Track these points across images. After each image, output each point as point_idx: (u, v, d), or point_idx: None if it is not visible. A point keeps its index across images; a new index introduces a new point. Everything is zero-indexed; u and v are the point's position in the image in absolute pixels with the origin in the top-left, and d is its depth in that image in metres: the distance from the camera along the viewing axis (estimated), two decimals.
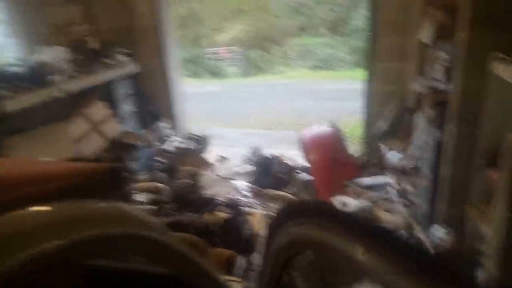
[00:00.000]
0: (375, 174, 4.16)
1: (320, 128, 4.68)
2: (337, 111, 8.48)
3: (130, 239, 0.68)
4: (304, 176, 3.96)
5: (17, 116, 3.67)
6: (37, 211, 0.60)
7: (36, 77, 3.89)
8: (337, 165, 4.02)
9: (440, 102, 2.88)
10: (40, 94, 3.77)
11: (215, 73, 14.66)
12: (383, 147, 4.21)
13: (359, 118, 7.42)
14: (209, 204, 2.61)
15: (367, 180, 4.00)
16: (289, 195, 3.16)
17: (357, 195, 3.81)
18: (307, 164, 4.67)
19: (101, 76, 4.68)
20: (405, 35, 4.22)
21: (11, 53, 5.13)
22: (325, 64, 14.57)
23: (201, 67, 14.84)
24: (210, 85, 12.59)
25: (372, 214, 3.59)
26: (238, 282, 2.19)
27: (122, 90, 5.30)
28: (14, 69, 3.89)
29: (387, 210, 3.63)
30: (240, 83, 13.17)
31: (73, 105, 4.89)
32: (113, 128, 4.93)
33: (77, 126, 4.59)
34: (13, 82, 3.72)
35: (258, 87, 11.98)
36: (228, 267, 2.24)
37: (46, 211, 0.60)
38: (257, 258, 3.08)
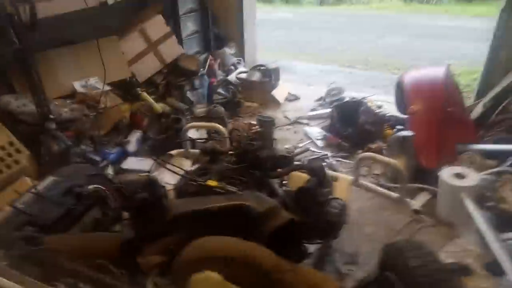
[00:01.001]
0: (498, 138, 3.08)
1: (428, 72, 3.57)
2: (438, 51, 7.03)
3: None
4: (402, 131, 3.02)
5: (56, 25, 3.08)
6: None
7: None
8: (449, 122, 3.00)
9: None
10: None
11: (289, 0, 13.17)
12: None
13: (473, 63, 6.08)
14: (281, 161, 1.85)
15: (489, 146, 2.97)
16: (384, 158, 2.30)
17: (475, 165, 2.83)
18: (404, 116, 3.67)
19: None
20: None
21: None
22: None
23: None
24: (282, 12, 11.29)
25: (495, 193, 2.63)
26: None
27: (186, 5, 4.48)
28: None
29: None
30: (317, 12, 11.66)
31: (128, 17, 4.23)
32: (171, 49, 4.22)
33: (132, 42, 3.94)
34: None
35: (337, 17, 10.47)
36: None
37: None
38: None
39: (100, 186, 1.57)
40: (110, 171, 3.06)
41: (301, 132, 3.92)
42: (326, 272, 2.11)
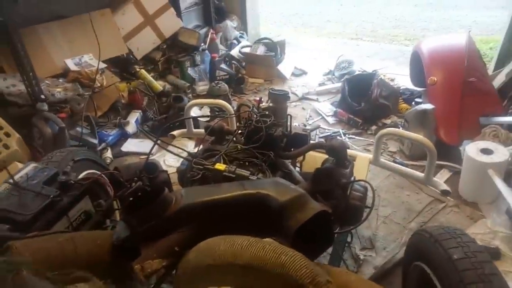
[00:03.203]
0: None
1: (447, 40, 3.31)
2: (448, 20, 6.69)
3: None
4: (421, 104, 2.79)
5: None
6: None
7: None
8: (472, 94, 2.77)
9: None
10: None
11: None
12: None
13: (488, 32, 5.76)
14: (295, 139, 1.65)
15: None
16: (410, 134, 2.08)
17: (499, 139, 2.63)
18: (420, 89, 3.45)
19: None
20: None
21: None
22: None
23: None
24: None
25: None
26: None
27: None
28: None
29: None
30: None
31: None
32: (170, 23, 3.95)
33: (127, 16, 3.68)
34: None
35: None
36: None
37: None
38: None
39: (93, 172, 1.39)
40: (109, 154, 2.88)
41: (309, 108, 3.70)
42: (343, 258, 1.96)
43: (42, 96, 2.56)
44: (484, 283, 1.09)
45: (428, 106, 2.69)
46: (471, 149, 2.35)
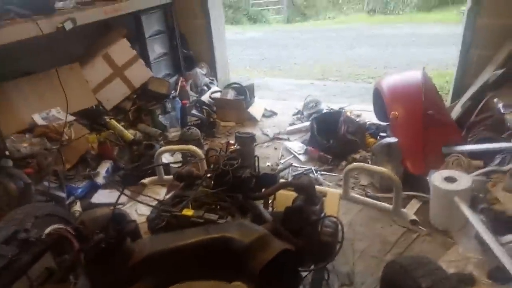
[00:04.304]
0: (482, 138, 3.03)
1: (404, 76, 3.52)
2: (407, 57, 7.13)
3: None
4: (386, 138, 2.91)
5: (9, 55, 2.85)
6: None
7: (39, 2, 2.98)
8: (432, 125, 2.92)
9: None
10: (44, 24, 2.86)
11: (257, 20, 13.29)
12: (496, 101, 3.03)
13: (443, 66, 6.15)
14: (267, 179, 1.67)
15: (475, 146, 2.90)
16: (376, 168, 2.16)
17: (462, 167, 2.75)
18: (384, 123, 3.60)
19: (125, 5, 3.68)
20: None
21: None
22: (382, 8, 12.73)
23: (241, 13, 13.48)
24: (251, 31, 11.32)
25: (487, 195, 2.53)
26: None
27: (152, 26, 4.32)
28: None
29: (507, 189, 2.55)
30: (285, 29, 11.77)
31: (90, 42, 4.03)
32: (139, 73, 4.03)
33: (96, 69, 3.74)
34: (8, 8, 2.86)
35: (305, 33, 10.59)
36: None
37: None
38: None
39: (57, 227, 1.35)
40: (78, 207, 2.79)
41: (281, 148, 3.77)
42: None
43: (7, 153, 2.51)
44: None
45: (392, 139, 2.81)
46: (436, 178, 2.44)
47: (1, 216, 2.30)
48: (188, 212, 1.33)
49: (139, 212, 2.71)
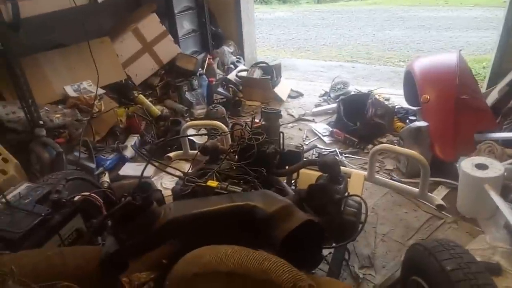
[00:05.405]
0: None
1: (439, 58, 3.38)
2: (441, 42, 6.84)
3: None
4: (415, 122, 2.82)
5: (42, 26, 2.91)
6: None
7: None
8: (465, 110, 2.81)
9: None
10: None
11: (286, 0, 13.03)
12: None
13: (479, 52, 5.88)
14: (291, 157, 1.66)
15: (509, 134, 2.77)
16: (404, 150, 2.10)
17: (495, 155, 2.64)
18: (414, 107, 3.49)
19: None
20: None
21: None
22: None
23: None
24: (280, 11, 11.13)
25: None
26: None
27: (181, 2, 4.31)
28: None
29: None
30: (315, 10, 11.50)
31: (121, 17, 4.07)
32: (167, 49, 4.06)
33: (126, 43, 3.78)
34: None
35: (335, 14, 10.31)
36: None
37: None
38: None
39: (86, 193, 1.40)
40: (106, 178, 2.89)
41: (306, 129, 3.73)
42: (342, 278, 1.93)
43: (41, 122, 2.60)
44: None
45: (422, 123, 2.72)
46: (466, 165, 2.35)
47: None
48: (213, 183, 1.35)
49: (164, 185, 2.78)
